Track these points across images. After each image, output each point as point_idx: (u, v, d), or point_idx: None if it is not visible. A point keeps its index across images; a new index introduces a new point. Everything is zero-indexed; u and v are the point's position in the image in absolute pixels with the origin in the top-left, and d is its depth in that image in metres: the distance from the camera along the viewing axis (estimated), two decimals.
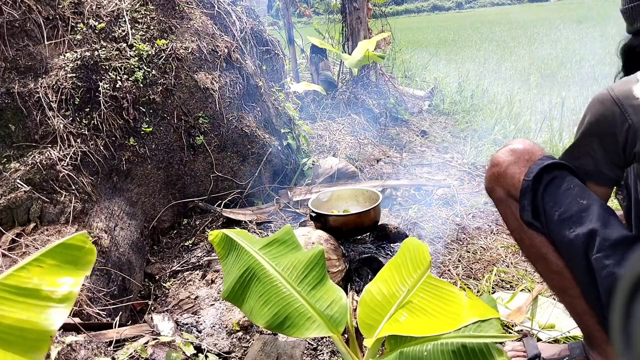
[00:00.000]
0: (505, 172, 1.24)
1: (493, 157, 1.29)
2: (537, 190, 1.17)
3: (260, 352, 1.60)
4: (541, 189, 1.17)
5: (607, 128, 1.11)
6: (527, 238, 1.24)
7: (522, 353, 1.45)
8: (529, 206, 1.19)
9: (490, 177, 1.29)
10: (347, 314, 1.32)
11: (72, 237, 0.91)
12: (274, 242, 1.48)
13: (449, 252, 2.29)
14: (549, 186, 1.17)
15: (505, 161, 1.24)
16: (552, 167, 1.18)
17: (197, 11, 2.82)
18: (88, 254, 0.92)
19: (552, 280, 1.25)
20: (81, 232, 0.93)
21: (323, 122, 4.55)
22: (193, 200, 2.65)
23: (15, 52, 2.14)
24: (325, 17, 6.65)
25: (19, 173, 1.94)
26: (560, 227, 1.13)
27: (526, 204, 1.19)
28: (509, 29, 14.09)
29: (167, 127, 2.50)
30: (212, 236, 1.49)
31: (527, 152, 1.22)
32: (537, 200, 1.18)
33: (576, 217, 1.11)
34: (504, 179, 1.24)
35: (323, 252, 1.42)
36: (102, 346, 1.47)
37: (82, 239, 0.92)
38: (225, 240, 1.47)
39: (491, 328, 1.17)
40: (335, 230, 2.13)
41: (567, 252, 1.15)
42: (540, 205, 1.17)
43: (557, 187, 1.16)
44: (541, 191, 1.17)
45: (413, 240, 1.43)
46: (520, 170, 1.21)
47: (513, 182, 1.22)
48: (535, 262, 1.28)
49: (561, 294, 1.25)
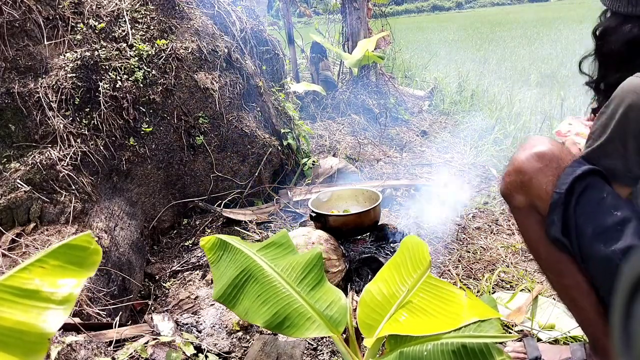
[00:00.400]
0: (531, 182, 1.12)
1: (516, 162, 1.16)
2: (569, 203, 1.07)
3: (260, 352, 1.60)
4: (573, 202, 1.07)
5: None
6: (545, 251, 1.17)
7: (522, 354, 1.44)
8: (559, 222, 1.08)
9: (512, 183, 1.17)
10: (347, 314, 1.32)
11: (77, 238, 0.91)
12: (271, 245, 1.48)
13: (449, 252, 2.29)
14: (582, 198, 1.06)
15: (531, 169, 1.12)
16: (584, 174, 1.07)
17: (197, 11, 2.82)
18: (93, 254, 0.91)
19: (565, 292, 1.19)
20: (86, 233, 0.93)
21: (323, 122, 4.55)
22: (193, 200, 2.65)
23: (15, 52, 2.14)
24: (325, 17, 6.65)
25: (19, 173, 1.94)
26: (594, 242, 1.04)
27: (556, 219, 1.09)
28: (509, 29, 14.09)
29: (167, 127, 2.50)
30: (204, 242, 1.49)
31: (556, 158, 1.11)
32: (569, 214, 1.07)
33: (612, 232, 1.02)
34: (529, 188, 1.13)
35: (321, 254, 1.42)
36: (102, 346, 1.47)
37: (87, 240, 0.92)
38: (217, 245, 1.47)
39: (491, 328, 1.17)
40: (335, 230, 2.13)
41: (599, 268, 1.06)
42: (572, 220, 1.07)
43: (590, 198, 1.06)
44: (573, 204, 1.07)
45: (412, 238, 1.43)
46: (548, 179, 1.10)
47: (539, 194, 1.11)
48: (550, 274, 1.21)
49: (573, 304, 1.19)
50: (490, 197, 2.89)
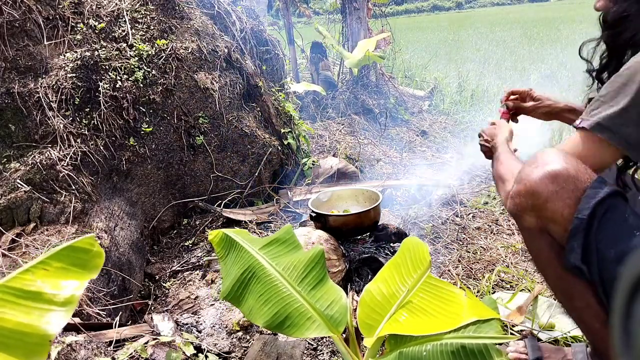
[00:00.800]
0: (546, 205, 1.04)
1: (527, 182, 1.07)
2: (591, 228, 0.99)
3: (260, 352, 1.60)
4: (595, 226, 0.99)
5: None
6: (555, 275, 1.12)
7: (524, 355, 1.44)
8: (579, 248, 1.01)
9: (522, 205, 1.09)
10: (347, 314, 1.32)
11: (80, 240, 0.91)
12: (275, 242, 1.48)
13: (449, 252, 2.29)
14: (603, 221, 0.99)
15: (546, 192, 1.03)
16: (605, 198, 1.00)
17: (197, 11, 2.82)
18: (96, 257, 0.91)
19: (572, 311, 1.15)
20: (89, 235, 0.93)
21: (323, 122, 4.55)
22: (193, 200, 2.65)
23: (15, 52, 2.14)
24: (325, 17, 6.65)
25: (19, 173, 1.94)
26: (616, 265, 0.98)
27: (576, 246, 1.01)
28: (509, 29, 14.09)
29: (167, 127, 2.50)
30: (212, 235, 1.49)
31: (572, 179, 1.02)
32: (590, 239, 1.00)
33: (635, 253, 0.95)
34: (543, 211, 1.05)
35: (323, 252, 1.42)
36: (102, 346, 1.47)
37: (90, 242, 0.92)
38: (225, 240, 1.47)
39: (491, 329, 1.17)
40: (335, 230, 2.13)
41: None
42: (593, 245, 1.00)
43: (613, 221, 0.99)
44: (594, 229, 0.99)
45: (413, 239, 1.43)
46: (565, 204, 1.02)
47: (555, 217, 1.04)
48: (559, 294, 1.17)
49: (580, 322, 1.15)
50: (490, 197, 2.89)
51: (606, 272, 1.00)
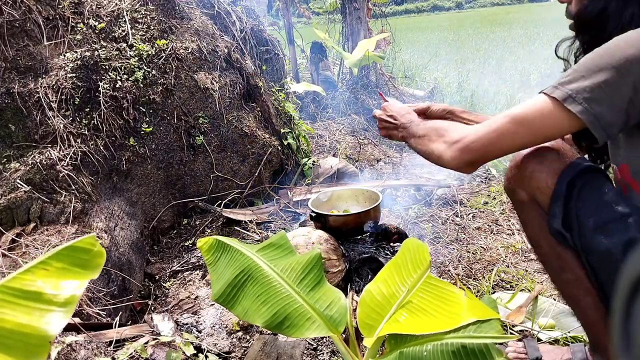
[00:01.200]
0: (532, 175, 1.12)
1: (517, 157, 1.16)
2: (571, 195, 1.07)
3: (260, 352, 1.60)
4: (575, 195, 1.07)
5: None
6: (546, 245, 1.17)
7: (523, 355, 1.44)
8: (560, 213, 1.08)
9: (513, 177, 1.17)
10: (347, 314, 1.32)
11: (81, 240, 0.91)
12: (270, 246, 1.48)
13: (449, 252, 2.29)
14: (583, 192, 1.06)
15: (532, 163, 1.12)
16: (586, 170, 1.07)
17: (197, 11, 2.82)
18: (96, 256, 0.91)
19: (568, 288, 1.18)
20: (90, 235, 0.93)
21: (323, 122, 4.55)
22: (193, 200, 2.65)
23: (15, 52, 2.14)
24: (325, 17, 6.66)
25: (19, 173, 1.94)
26: (595, 235, 1.04)
27: (557, 211, 1.09)
28: (509, 29, 14.09)
29: (167, 127, 2.50)
30: (201, 243, 1.48)
31: (556, 153, 1.11)
32: (570, 207, 1.07)
33: (613, 225, 1.02)
34: (530, 181, 1.13)
35: (320, 255, 1.42)
36: (102, 346, 1.47)
37: (91, 242, 0.92)
38: (215, 247, 1.47)
39: (491, 329, 1.17)
40: (335, 230, 2.13)
41: (600, 260, 1.06)
42: (573, 212, 1.07)
43: (592, 192, 1.06)
44: (575, 197, 1.06)
45: (413, 240, 1.43)
46: (549, 173, 1.10)
47: (539, 186, 1.12)
48: (551, 270, 1.21)
49: (574, 302, 1.19)
50: (490, 197, 2.90)
51: (585, 240, 1.06)
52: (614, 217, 1.03)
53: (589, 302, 1.14)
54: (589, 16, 1.11)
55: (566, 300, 1.23)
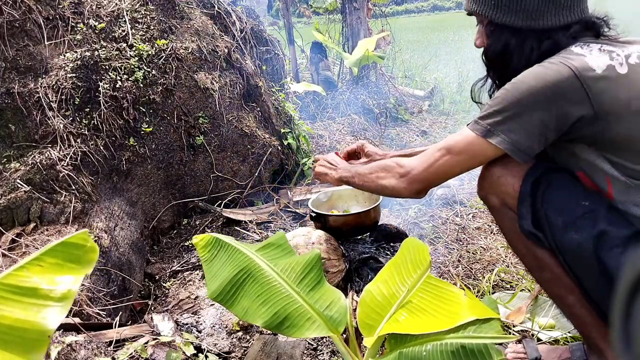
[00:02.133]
0: (499, 180, 1.19)
1: (485, 166, 1.23)
2: (536, 196, 1.12)
3: (260, 352, 1.60)
4: (540, 195, 1.12)
5: (559, 101, 1.04)
6: (524, 247, 1.20)
7: (522, 355, 1.44)
8: (528, 214, 1.13)
9: (484, 185, 1.25)
10: (347, 314, 1.32)
11: (74, 236, 0.91)
12: (269, 246, 1.48)
13: (449, 252, 2.29)
14: (548, 191, 1.11)
15: (498, 169, 1.19)
16: (549, 170, 1.13)
17: (197, 11, 2.82)
18: (89, 252, 0.91)
19: (550, 287, 1.22)
20: (83, 231, 0.93)
21: (323, 122, 4.55)
22: (193, 200, 2.65)
23: (15, 52, 2.14)
24: (326, 17, 6.66)
25: (19, 173, 1.94)
26: (565, 231, 1.08)
27: (525, 212, 1.14)
28: None
29: (167, 127, 2.50)
30: (197, 239, 1.47)
31: None
32: (537, 207, 1.12)
33: (582, 220, 1.06)
34: (498, 187, 1.19)
35: (320, 255, 1.42)
36: (102, 346, 1.47)
37: (84, 237, 0.92)
38: (212, 244, 1.46)
39: (491, 329, 1.17)
40: (335, 230, 2.13)
41: (574, 256, 1.09)
42: (541, 212, 1.12)
43: (557, 191, 1.11)
44: (540, 197, 1.12)
45: (413, 240, 1.43)
46: (514, 178, 1.16)
47: (507, 191, 1.17)
48: (532, 270, 1.25)
49: (559, 301, 1.22)
50: None
51: (557, 238, 1.10)
52: (581, 212, 1.07)
53: (572, 299, 1.16)
54: (493, 55, 1.24)
55: (552, 299, 1.27)
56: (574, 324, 1.24)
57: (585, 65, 1.04)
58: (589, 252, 1.05)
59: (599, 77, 1.03)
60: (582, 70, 1.03)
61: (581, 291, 1.15)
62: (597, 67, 1.04)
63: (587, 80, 1.03)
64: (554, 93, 1.04)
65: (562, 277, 1.16)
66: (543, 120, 1.06)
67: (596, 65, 1.04)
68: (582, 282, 1.13)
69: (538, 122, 1.07)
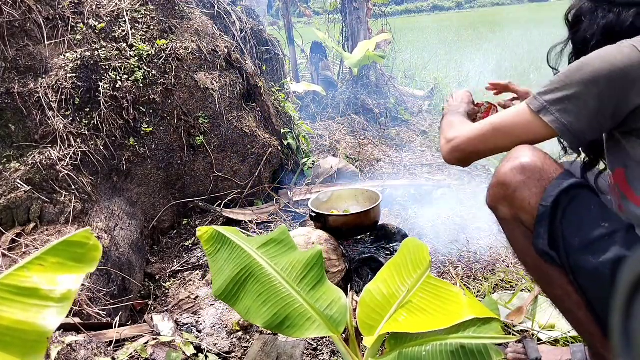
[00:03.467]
0: (514, 195, 1.11)
1: (499, 174, 1.15)
2: (556, 216, 1.06)
3: (260, 352, 1.60)
4: (560, 215, 1.05)
5: (625, 85, 0.99)
6: (532, 263, 1.16)
7: (523, 356, 1.44)
8: (546, 234, 1.07)
9: (495, 196, 1.17)
10: (347, 314, 1.32)
11: (76, 234, 0.90)
12: (271, 242, 1.47)
13: (449, 252, 2.29)
14: (568, 211, 1.05)
15: (514, 182, 1.11)
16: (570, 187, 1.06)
17: (197, 11, 2.82)
18: (92, 250, 0.90)
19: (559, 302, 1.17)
20: (85, 229, 0.92)
21: (323, 122, 4.55)
22: (193, 200, 2.65)
23: (15, 52, 2.14)
24: (325, 17, 6.65)
25: (19, 173, 1.94)
26: (582, 254, 1.03)
27: (542, 232, 1.07)
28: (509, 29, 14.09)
29: (167, 127, 2.50)
30: (201, 232, 1.46)
31: (539, 170, 1.09)
32: (555, 226, 1.06)
33: (600, 243, 1.01)
34: (513, 201, 1.12)
35: (321, 252, 1.42)
36: (102, 346, 1.47)
37: (86, 236, 0.91)
38: (215, 238, 1.45)
39: (491, 329, 1.17)
40: (335, 230, 2.13)
41: (588, 279, 1.05)
42: (559, 232, 1.06)
43: (577, 210, 1.05)
44: (559, 217, 1.05)
45: (413, 240, 1.43)
46: (531, 193, 1.09)
47: (523, 206, 1.10)
48: (541, 284, 1.21)
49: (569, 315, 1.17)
50: None
51: (572, 259, 1.05)
52: (600, 234, 1.02)
53: (581, 315, 1.12)
54: (574, 17, 1.19)
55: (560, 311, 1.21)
56: (582, 336, 1.20)
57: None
58: (605, 277, 0.99)
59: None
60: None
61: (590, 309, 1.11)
62: None
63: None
64: (620, 78, 0.99)
65: (572, 295, 1.11)
66: (601, 107, 1.01)
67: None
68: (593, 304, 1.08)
69: (595, 108, 1.02)
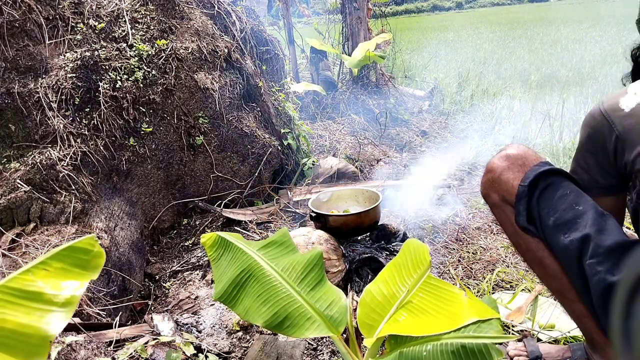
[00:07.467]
0: (500, 178, 1.26)
1: (488, 164, 1.31)
2: (533, 195, 1.19)
3: (260, 352, 1.60)
4: (536, 195, 1.19)
5: (598, 141, 1.16)
6: (523, 242, 1.26)
7: (523, 354, 1.45)
8: (524, 211, 1.20)
9: (485, 182, 1.31)
10: (347, 314, 1.32)
11: (81, 240, 0.91)
12: (271, 244, 1.48)
13: (449, 252, 2.29)
14: (545, 192, 1.18)
15: (500, 167, 1.26)
16: (548, 173, 1.19)
17: (197, 11, 2.82)
18: (96, 257, 0.91)
19: (550, 283, 1.26)
20: (90, 235, 0.93)
21: (323, 122, 4.55)
22: (193, 200, 2.65)
23: (15, 52, 2.14)
24: (325, 17, 6.65)
25: (19, 173, 1.94)
26: (555, 232, 1.15)
27: (521, 209, 1.21)
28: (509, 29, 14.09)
29: (167, 127, 2.50)
30: (205, 238, 1.48)
31: (521, 158, 1.24)
32: (532, 205, 1.19)
33: (571, 223, 1.12)
34: (499, 184, 1.26)
35: (321, 254, 1.42)
36: (102, 346, 1.47)
37: (91, 242, 0.92)
38: (218, 243, 1.46)
39: (491, 329, 1.17)
40: (335, 230, 2.13)
41: (562, 257, 1.16)
42: (535, 211, 1.19)
43: (553, 193, 1.18)
44: (536, 197, 1.19)
45: (414, 241, 1.43)
46: (514, 175, 1.23)
47: (507, 188, 1.24)
48: (532, 266, 1.29)
49: (560, 296, 1.25)
50: None
51: (547, 237, 1.18)
52: (572, 215, 1.13)
53: (572, 295, 1.19)
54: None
55: (554, 296, 1.29)
56: (574, 319, 1.26)
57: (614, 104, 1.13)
58: (573, 255, 1.10)
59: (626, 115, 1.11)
60: (610, 111, 1.13)
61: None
62: (625, 107, 1.12)
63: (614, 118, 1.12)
64: (588, 136, 1.18)
65: (561, 275, 1.20)
66: (589, 158, 1.21)
67: (625, 105, 1.12)
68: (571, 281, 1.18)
69: (584, 158, 1.22)
